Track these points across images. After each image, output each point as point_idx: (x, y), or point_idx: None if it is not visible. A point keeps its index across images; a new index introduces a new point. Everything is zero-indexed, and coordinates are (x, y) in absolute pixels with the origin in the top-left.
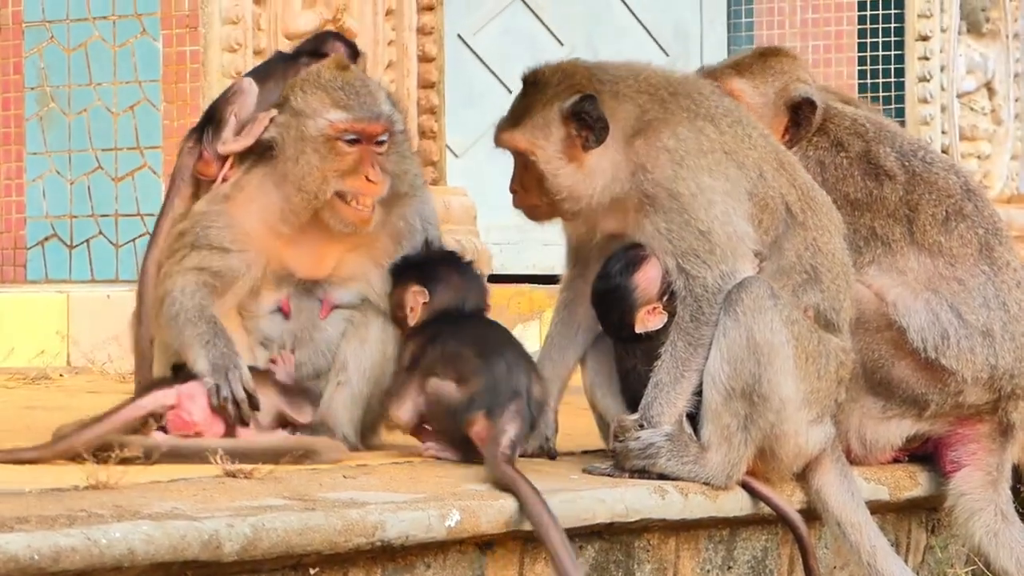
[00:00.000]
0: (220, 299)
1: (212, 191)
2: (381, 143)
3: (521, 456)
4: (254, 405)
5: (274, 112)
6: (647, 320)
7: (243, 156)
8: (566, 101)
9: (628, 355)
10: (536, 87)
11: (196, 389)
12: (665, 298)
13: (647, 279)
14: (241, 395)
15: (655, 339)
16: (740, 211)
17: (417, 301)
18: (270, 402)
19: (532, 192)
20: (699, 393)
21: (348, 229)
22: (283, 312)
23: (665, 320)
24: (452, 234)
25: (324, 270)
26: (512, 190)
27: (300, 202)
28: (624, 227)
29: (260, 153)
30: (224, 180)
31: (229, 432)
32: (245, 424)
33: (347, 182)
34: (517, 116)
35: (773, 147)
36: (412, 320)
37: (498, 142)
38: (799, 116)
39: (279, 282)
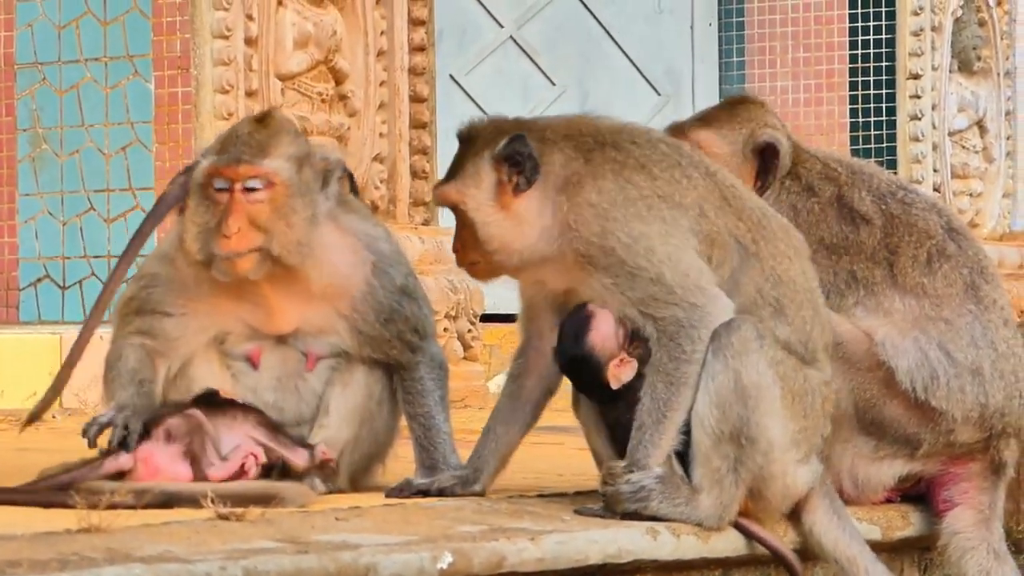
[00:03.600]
0: (164, 359)
1: (157, 248)
2: (254, 189)
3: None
4: (124, 444)
5: None
6: (618, 373)
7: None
8: (496, 145)
9: (610, 409)
10: (469, 141)
11: (150, 449)
12: (629, 345)
13: (601, 336)
14: (118, 425)
15: (634, 387)
16: (686, 249)
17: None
18: (251, 442)
19: (469, 246)
20: (686, 432)
21: (226, 277)
22: (252, 363)
23: (636, 367)
24: (444, 274)
25: (288, 325)
26: (454, 248)
27: (184, 256)
28: (571, 284)
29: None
30: None
31: (196, 477)
32: (126, 449)
33: (212, 238)
34: (451, 171)
35: (717, 185)
36: None
37: (435, 199)
38: (766, 161)
39: (248, 335)
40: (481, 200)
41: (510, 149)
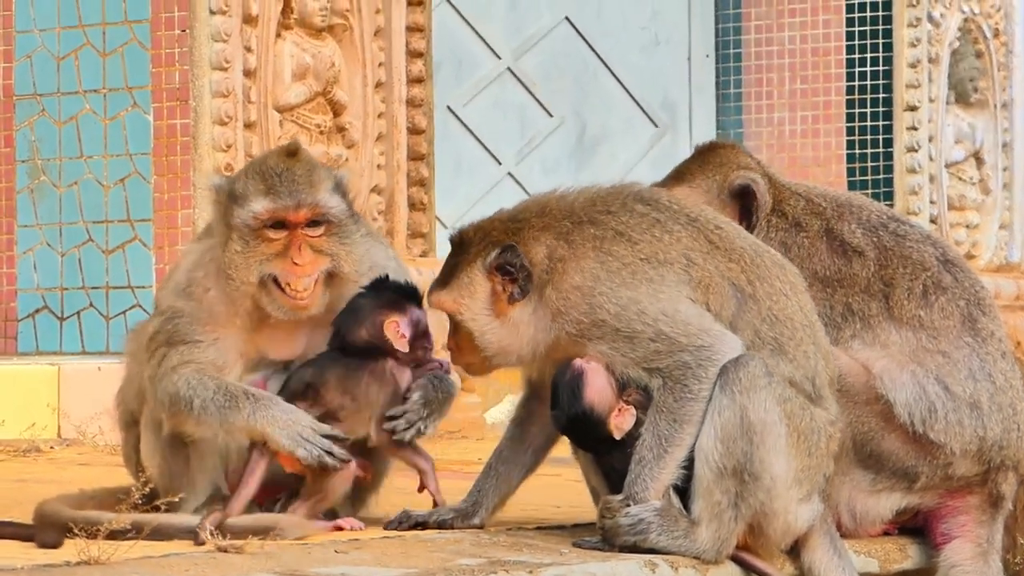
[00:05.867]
0: None
1: (174, 281)
2: (315, 226)
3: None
4: (342, 442)
5: None
6: (620, 423)
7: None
8: (488, 256)
9: (604, 456)
10: (461, 247)
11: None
12: (623, 393)
13: (596, 390)
14: (327, 444)
15: (632, 433)
16: (679, 300)
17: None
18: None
19: (466, 350)
20: (686, 467)
21: (285, 315)
22: None
23: (635, 413)
24: None
25: (295, 351)
26: (448, 347)
27: (232, 289)
28: (570, 355)
29: (204, 235)
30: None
31: None
32: (346, 462)
33: (274, 265)
34: (445, 277)
35: (702, 230)
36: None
37: (430, 303)
38: (746, 204)
39: (255, 364)
40: (477, 310)
41: (502, 260)
